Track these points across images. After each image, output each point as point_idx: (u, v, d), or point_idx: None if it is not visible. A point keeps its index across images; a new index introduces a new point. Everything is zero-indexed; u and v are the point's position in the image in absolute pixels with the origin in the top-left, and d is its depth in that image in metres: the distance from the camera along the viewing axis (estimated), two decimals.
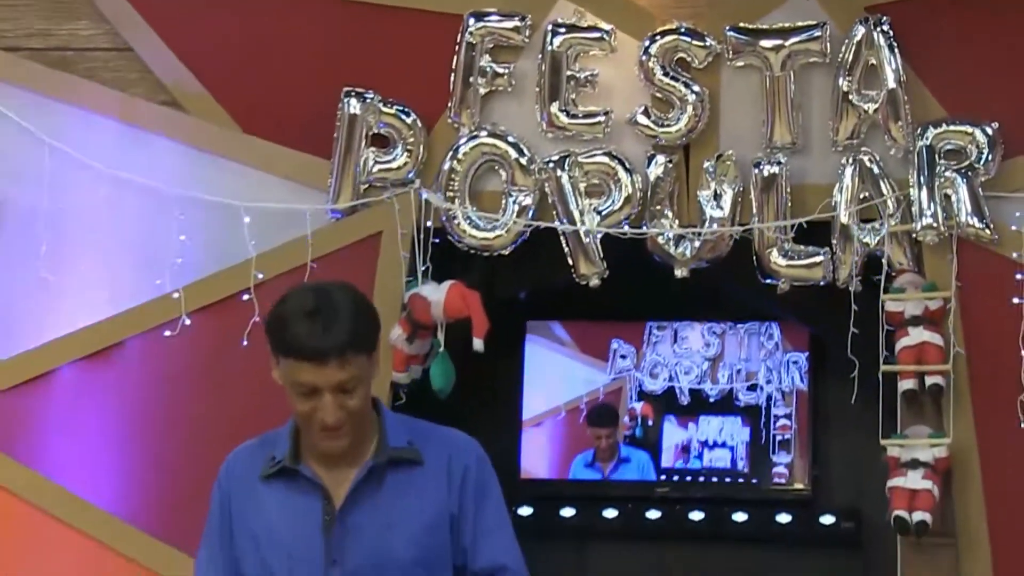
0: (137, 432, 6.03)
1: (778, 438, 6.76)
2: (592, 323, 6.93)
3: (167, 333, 5.91)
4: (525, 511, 6.67)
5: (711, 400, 6.76)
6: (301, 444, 3.78)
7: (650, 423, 6.80)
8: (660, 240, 5.74)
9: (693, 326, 6.85)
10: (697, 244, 5.74)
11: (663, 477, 6.82)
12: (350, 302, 3.74)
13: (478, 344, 5.71)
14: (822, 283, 5.77)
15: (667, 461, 6.74)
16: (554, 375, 6.96)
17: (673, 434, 6.72)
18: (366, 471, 3.74)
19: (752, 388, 6.81)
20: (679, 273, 5.80)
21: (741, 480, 6.77)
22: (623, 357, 6.90)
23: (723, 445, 6.80)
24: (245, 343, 5.83)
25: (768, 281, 5.81)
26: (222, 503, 3.87)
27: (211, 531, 3.87)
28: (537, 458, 6.92)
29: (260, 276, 5.84)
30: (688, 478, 6.86)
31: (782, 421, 6.74)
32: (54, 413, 5.99)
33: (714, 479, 6.80)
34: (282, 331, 3.67)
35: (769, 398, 6.76)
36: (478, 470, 3.86)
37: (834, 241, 5.69)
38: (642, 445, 6.80)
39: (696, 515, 6.78)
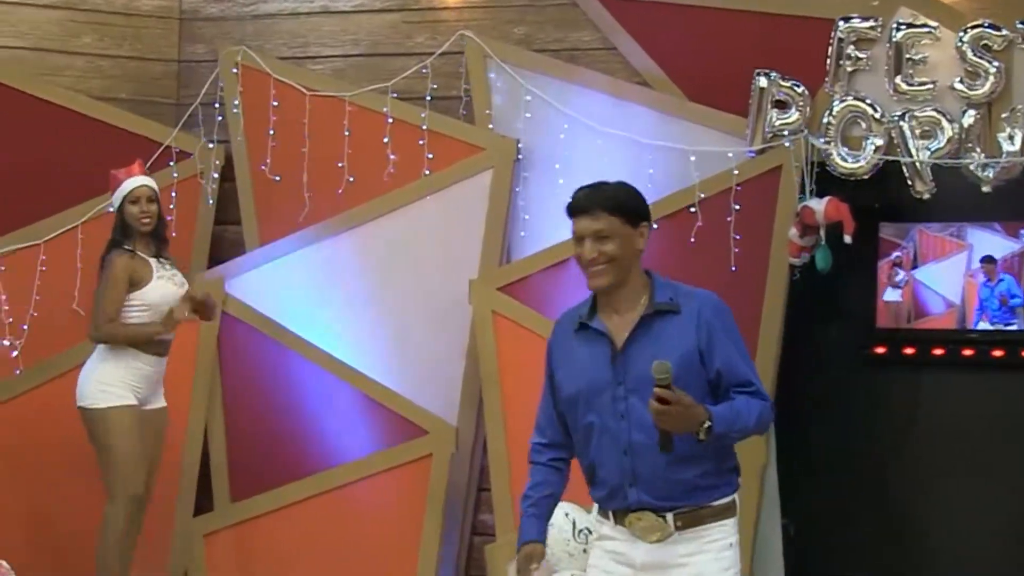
0: None
1: None
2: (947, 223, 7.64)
3: None
4: (880, 349, 7.56)
5: None
6: (597, 306, 4.47)
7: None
8: (972, 167, 6.90)
9: None
10: (997, 170, 6.91)
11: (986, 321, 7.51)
12: (618, 186, 4.48)
13: (847, 239, 6.91)
14: None
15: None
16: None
17: None
18: (641, 319, 4.39)
19: None
20: (985, 189, 6.91)
21: None
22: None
23: None
24: (692, 240, 7.09)
25: None
26: (548, 351, 4.59)
27: (545, 373, 4.62)
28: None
29: (702, 195, 7.11)
30: (995, 322, 7.51)
31: None
32: (569, 285, 7.02)
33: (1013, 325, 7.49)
34: (568, 201, 4.47)
35: None
36: (718, 317, 4.43)
37: None
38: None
39: (997, 352, 7.58)
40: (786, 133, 7.19)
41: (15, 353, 7.80)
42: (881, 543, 7.75)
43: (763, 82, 7.23)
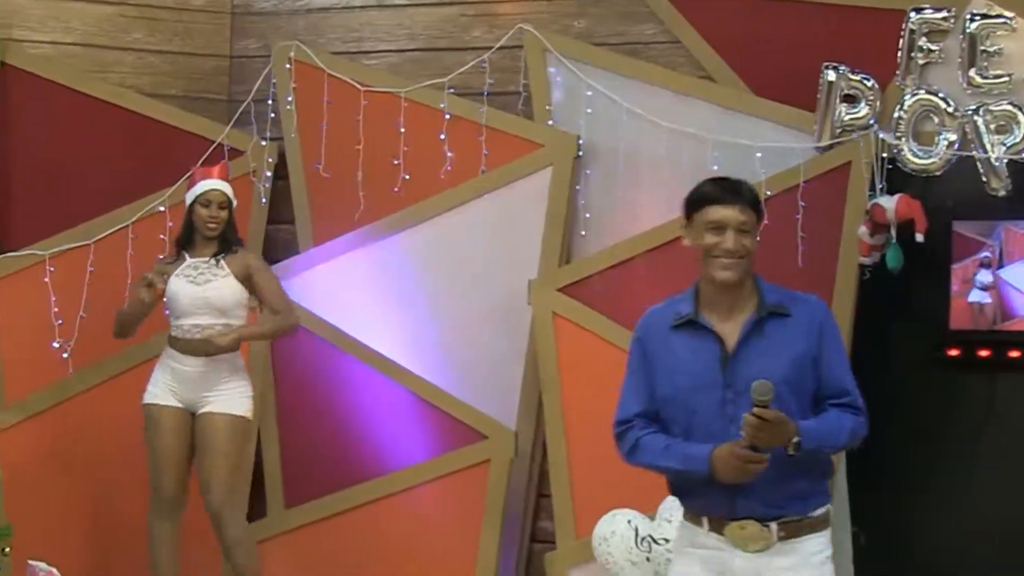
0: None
1: None
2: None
3: None
4: (952, 352, 7.25)
5: None
6: (700, 303, 4.49)
7: None
8: None
9: None
10: None
11: None
12: (748, 183, 4.62)
13: (920, 237, 6.87)
14: None
15: None
16: None
17: None
18: (752, 322, 4.43)
19: None
20: None
21: None
22: None
23: None
24: (758, 239, 6.93)
25: None
26: (641, 347, 4.56)
27: (633, 365, 4.58)
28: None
29: (768, 193, 6.92)
30: None
31: None
32: (632, 285, 7.21)
33: None
34: (700, 191, 4.51)
35: None
36: (829, 323, 4.51)
37: None
38: None
39: None
40: (855, 128, 7.13)
41: (65, 355, 7.78)
42: (953, 551, 7.57)
43: (831, 75, 7.15)
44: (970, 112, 6.99)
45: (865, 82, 7.14)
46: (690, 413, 4.44)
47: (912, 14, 7.10)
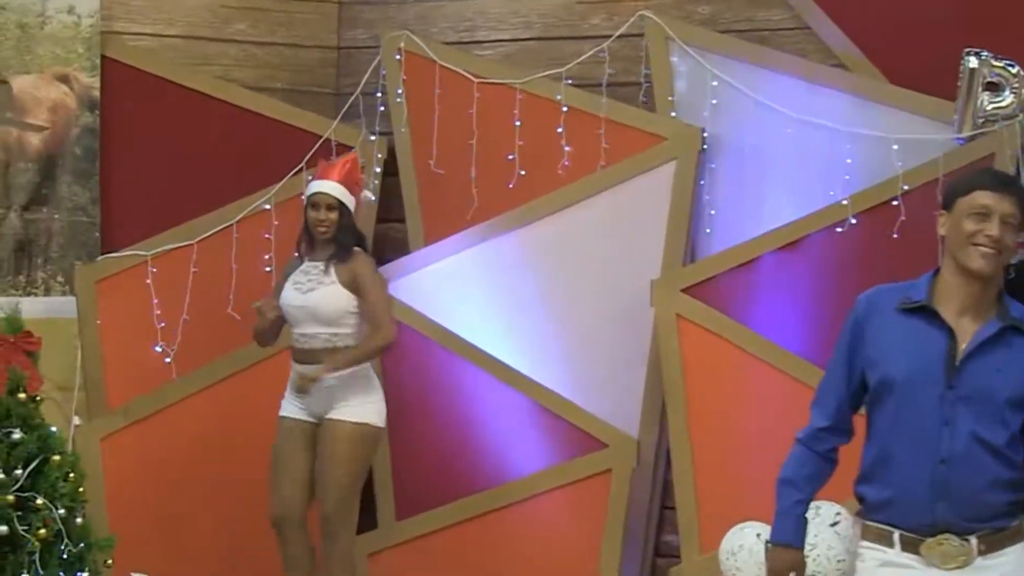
0: (814, 297, 7.03)
1: None
2: None
3: (838, 230, 6.96)
4: None
5: None
6: (934, 294, 4.30)
7: None
8: None
9: None
10: None
11: None
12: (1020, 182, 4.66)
13: None
14: None
15: None
16: None
17: None
18: (996, 328, 4.25)
19: None
20: None
21: None
22: None
23: None
24: (896, 235, 6.82)
25: None
26: (856, 324, 4.38)
27: (842, 344, 4.41)
28: None
29: (906, 187, 6.80)
30: None
31: None
32: (759, 286, 7.14)
33: None
34: (969, 179, 4.36)
35: None
36: None
37: None
38: None
39: None
40: (999, 118, 6.86)
41: (168, 360, 7.72)
42: None
43: (973, 62, 6.87)
44: None
45: (1009, 68, 6.87)
46: (901, 404, 4.27)
47: None
